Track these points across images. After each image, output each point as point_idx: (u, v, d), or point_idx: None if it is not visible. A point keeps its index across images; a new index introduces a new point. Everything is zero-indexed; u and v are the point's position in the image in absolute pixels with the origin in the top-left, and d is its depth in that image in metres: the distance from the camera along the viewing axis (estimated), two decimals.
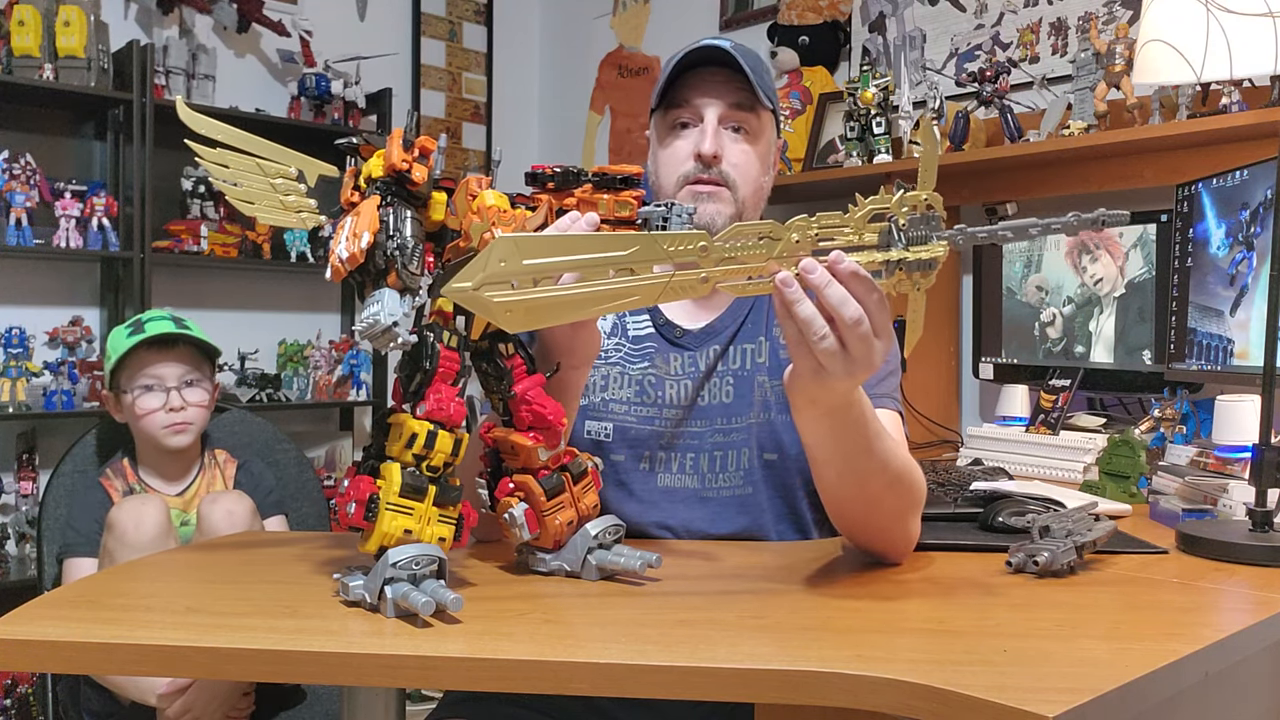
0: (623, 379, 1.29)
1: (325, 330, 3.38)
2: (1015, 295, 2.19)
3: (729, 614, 0.91)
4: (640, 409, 1.28)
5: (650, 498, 1.26)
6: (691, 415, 1.28)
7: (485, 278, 0.79)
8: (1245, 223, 1.49)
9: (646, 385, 1.29)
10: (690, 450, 1.27)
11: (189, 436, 1.76)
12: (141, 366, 1.75)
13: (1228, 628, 0.87)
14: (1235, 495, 1.29)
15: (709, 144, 1.26)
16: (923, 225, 0.86)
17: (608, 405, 1.28)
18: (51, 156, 2.90)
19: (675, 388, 1.28)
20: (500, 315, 0.79)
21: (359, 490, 0.91)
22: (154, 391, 1.74)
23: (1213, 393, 1.56)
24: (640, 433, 1.27)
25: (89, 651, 0.84)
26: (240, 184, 1.06)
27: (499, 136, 3.90)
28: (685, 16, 3.43)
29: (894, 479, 1.03)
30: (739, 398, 1.28)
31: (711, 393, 1.28)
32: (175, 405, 1.74)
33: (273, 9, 3.27)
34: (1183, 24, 1.34)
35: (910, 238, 0.87)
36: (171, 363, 1.77)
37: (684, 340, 1.31)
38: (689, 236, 0.84)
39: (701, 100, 1.28)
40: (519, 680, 0.79)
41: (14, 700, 2.61)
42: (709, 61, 1.28)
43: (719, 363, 1.29)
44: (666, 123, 1.31)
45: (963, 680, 0.72)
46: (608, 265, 0.82)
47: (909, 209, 0.87)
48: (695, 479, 1.26)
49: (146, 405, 1.73)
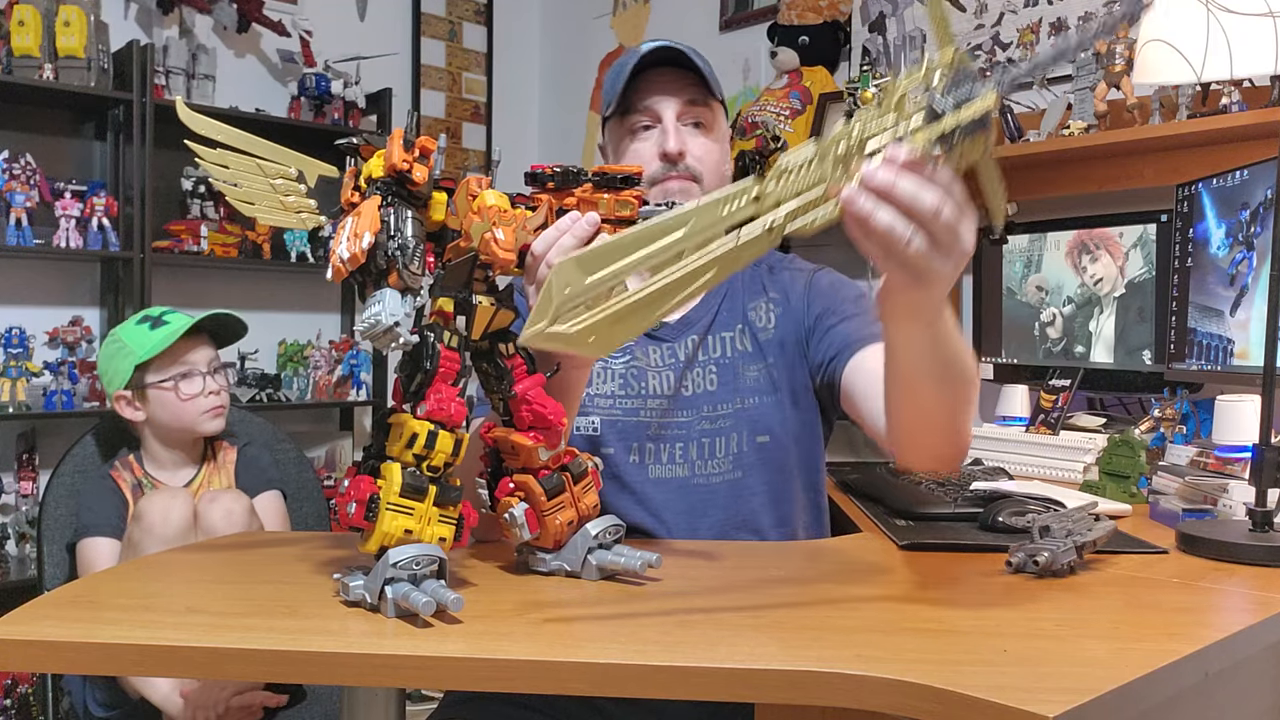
0: (605, 373, 1.30)
1: (325, 330, 3.38)
2: (1015, 295, 2.19)
3: (729, 614, 0.91)
4: (625, 401, 1.29)
5: (643, 489, 1.27)
6: (677, 405, 1.30)
7: (556, 310, 0.73)
8: (1245, 223, 1.49)
9: (630, 378, 1.30)
10: (679, 440, 1.29)
11: (224, 420, 1.82)
12: (174, 355, 1.79)
13: (1228, 628, 0.86)
14: (1235, 495, 1.29)
15: (673, 142, 1.29)
16: (961, 84, 0.78)
17: (593, 400, 1.29)
18: (51, 156, 2.90)
19: (658, 378, 1.30)
20: (583, 344, 0.74)
21: (359, 490, 0.91)
22: (192, 378, 1.78)
23: (1213, 393, 1.56)
24: (627, 424, 1.28)
25: (89, 651, 0.84)
26: (240, 184, 1.06)
27: (499, 136, 3.90)
28: (685, 16, 3.43)
29: (974, 372, 1.01)
30: (723, 385, 1.30)
31: (695, 382, 1.31)
32: (213, 389, 1.79)
33: (273, 9, 3.27)
34: (1183, 24, 1.34)
35: (955, 101, 0.78)
36: (199, 349, 1.82)
37: (661, 333, 1.33)
38: (739, 191, 0.78)
39: (657, 100, 1.30)
40: (519, 680, 0.79)
41: (14, 700, 2.60)
42: (656, 64, 1.29)
43: (699, 352, 1.32)
44: (625, 128, 1.33)
45: (963, 680, 0.72)
46: (674, 250, 0.75)
47: (942, 71, 0.79)
48: (685, 468, 1.28)
49: (189, 390, 1.77)
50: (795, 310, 1.35)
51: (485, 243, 0.97)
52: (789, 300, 1.36)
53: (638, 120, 1.32)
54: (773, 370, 1.32)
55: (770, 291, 1.37)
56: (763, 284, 1.37)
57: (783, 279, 1.39)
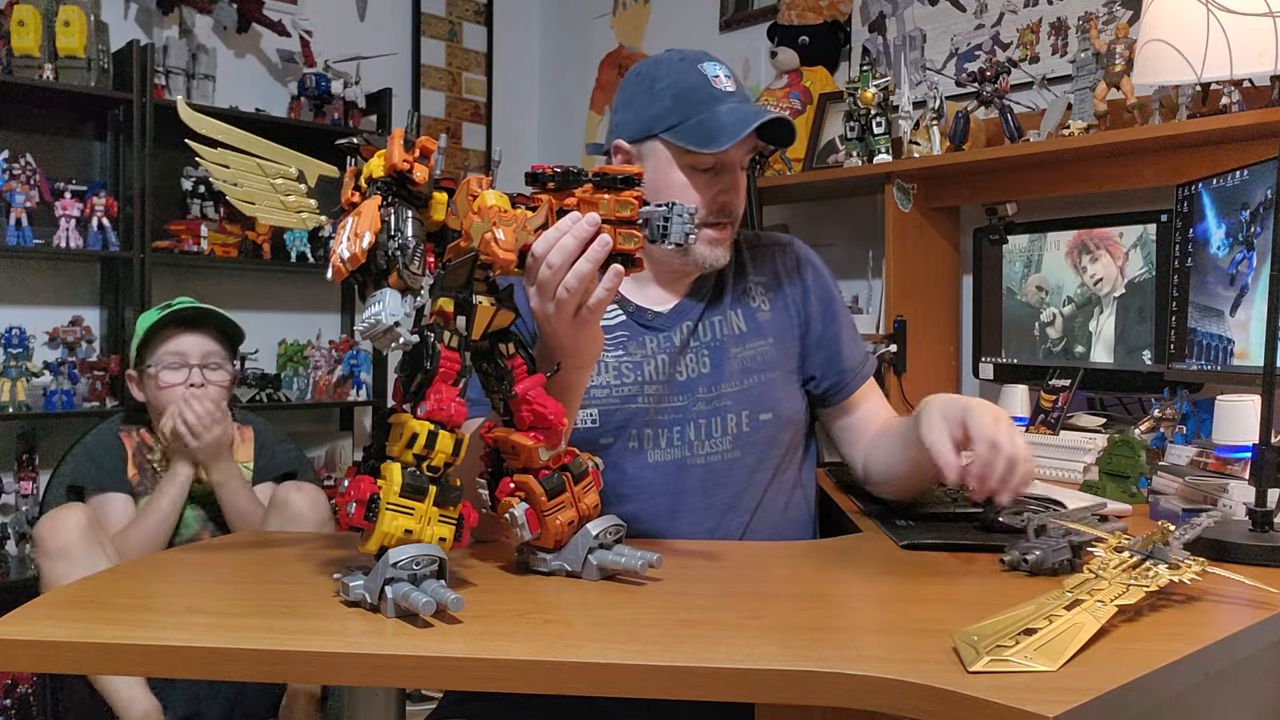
0: (600, 367, 1.31)
1: (325, 330, 3.38)
2: (1015, 295, 2.20)
3: (729, 614, 0.91)
4: (621, 389, 1.30)
5: (643, 475, 1.28)
6: (672, 390, 1.31)
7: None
8: (1245, 223, 1.49)
9: (624, 369, 1.31)
10: (677, 424, 1.30)
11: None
12: (165, 342, 1.82)
13: (1228, 628, 0.87)
14: (1235, 495, 1.29)
15: (741, 200, 1.31)
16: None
17: (589, 393, 1.29)
18: (51, 156, 2.90)
19: (652, 364, 1.32)
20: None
21: (359, 490, 0.91)
22: (176, 368, 1.80)
23: (1213, 393, 1.56)
24: (624, 412, 1.29)
25: (89, 651, 0.84)
26: (241, 184, 1.06)
27: (499, 136, 3.89)
28: (685, 16, 3.43)
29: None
30: (715, 367, 1.32)
31: (689, 366, 1.32)
32: (196, 382, 1.80)
33: (273, 9, 3.27)
34: (1183, 24, 1.34)
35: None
36: (196, 341, 1.84)
37: (656, 322, 1.34)
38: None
39: (739, 154, 1.30)
40: (519, 680, 0.79)
41: (14, 700, 2.60)
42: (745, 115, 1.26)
43: (691, 337, 1.33)
44: (684, 157, 1.28)
45: (963, 680, 0.72)
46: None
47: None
48: (683, 449, 1.30)
49: (168, 379, 1.80)
50: (788, 294, 1.39)
51: (485, 243, 0.97)
52: (779, 279, 1.40)
53: (706, 160, 1.28)
54: (774, 349, 1.36)
55: (756, 274, 1.40)
56: (745, 265, 1.40)
57: (763, 256, 1.42)
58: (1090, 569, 0.94)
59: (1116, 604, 0.86)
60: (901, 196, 2.41)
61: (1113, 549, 0.99)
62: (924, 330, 2.44)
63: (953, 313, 2.54)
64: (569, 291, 0.98)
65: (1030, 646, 0.77)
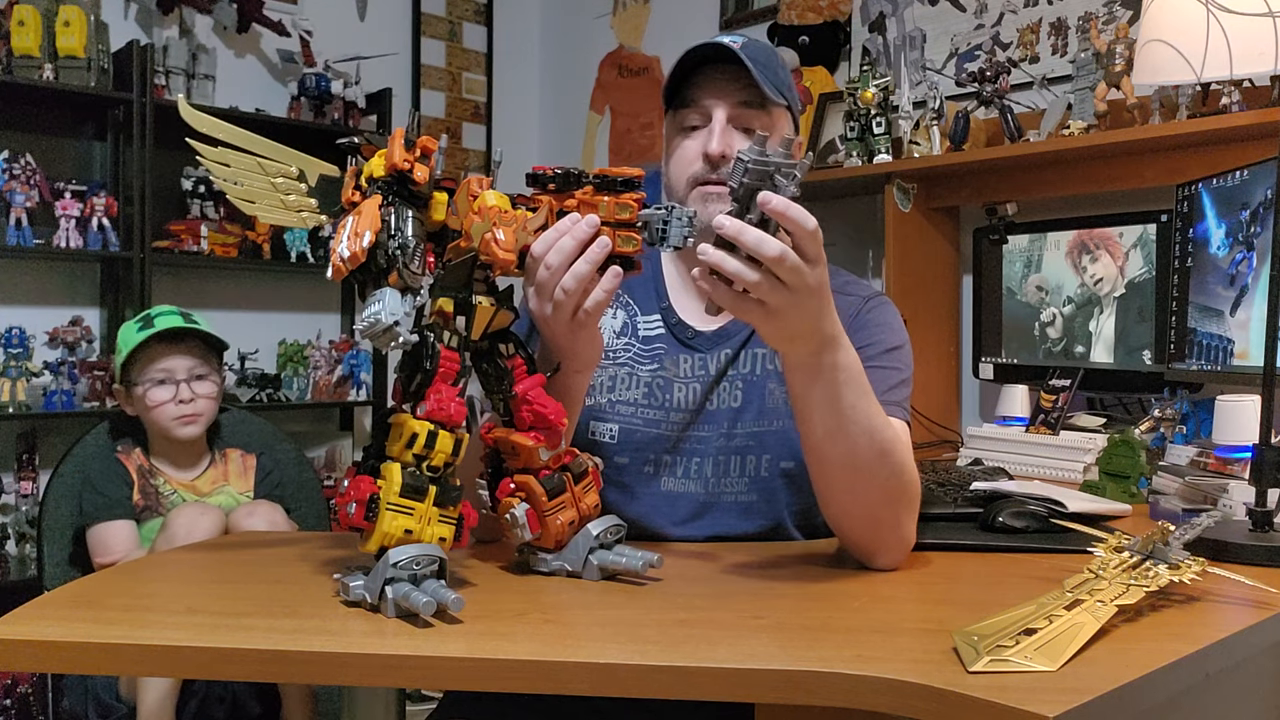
0: (631, 380, 1.27)
1: (325, 330, 3.38)
2: (1015, 295, 2.20)
3: (729, 614, 0.91)
4: (647, 411, 1.26)
5: (652, 501, 1.25)
6: (699, 420, 1.26)
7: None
8: (1245, 223, 1.49)
9: (655, 388, 1.26)
10: (696, 455, 1.25)
11: (198, 427, 1.83)
12: (152, 360, 1.80)
13: (1228, 628, 0.87)
14: (1235, 495, 1.29)
15: (715, 144, 1.22)
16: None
17: (614, 407, 1.26)
18: (51, 156, 2.90)
19: (684, 390, 1.26)
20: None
21: (359, 490, 0.91)
22: (164, 384, 1.80)
23: (1213, 393, 1.56)
24: (646, 436, 1.25)
25: (89, 651, 0.84)
26: (241, 183, 1.06)
27: (499, 136, 3.89)
28: (685, 16, 3.43)
29: (883, 450, 1.03)
30: (747, 403, 1.25)
31: (720, 397, 1.26)
32: (185, 397, 1.80)
33: (273, 9, 3.26)
34: (1183, 24, 1.34)
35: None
36: (181, 356, 1.83)
37: (696, 341, 1.29)
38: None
39: (709, 100, 1.24)
40: (519, 680, 0.79)
41: (14, 700, 2.60)
42: (717, 59, 1.23)
43: (730, 367, 1.27)
44: (676, 124, 1.28)
45: (963, 680, 0.72)
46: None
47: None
48: (699, 484, 1.25)
49: (157, 397, 1.79)
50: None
51: (485, 243, 0.97)
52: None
53: (689, 117, 1.26)
54: None
55: None
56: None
57: (837, 300, 1.33)
58: (1090, 569, 0.94)
59: (1116, 604, 0.86)
60: (901, 196, 2.41)
61: (1113, 549, 0.99)
62: (924, 330, 2.44)
63: (953, 313, 2.54)
64: (566, 293, 0.98)
65: (1030, 646, 0.77)
